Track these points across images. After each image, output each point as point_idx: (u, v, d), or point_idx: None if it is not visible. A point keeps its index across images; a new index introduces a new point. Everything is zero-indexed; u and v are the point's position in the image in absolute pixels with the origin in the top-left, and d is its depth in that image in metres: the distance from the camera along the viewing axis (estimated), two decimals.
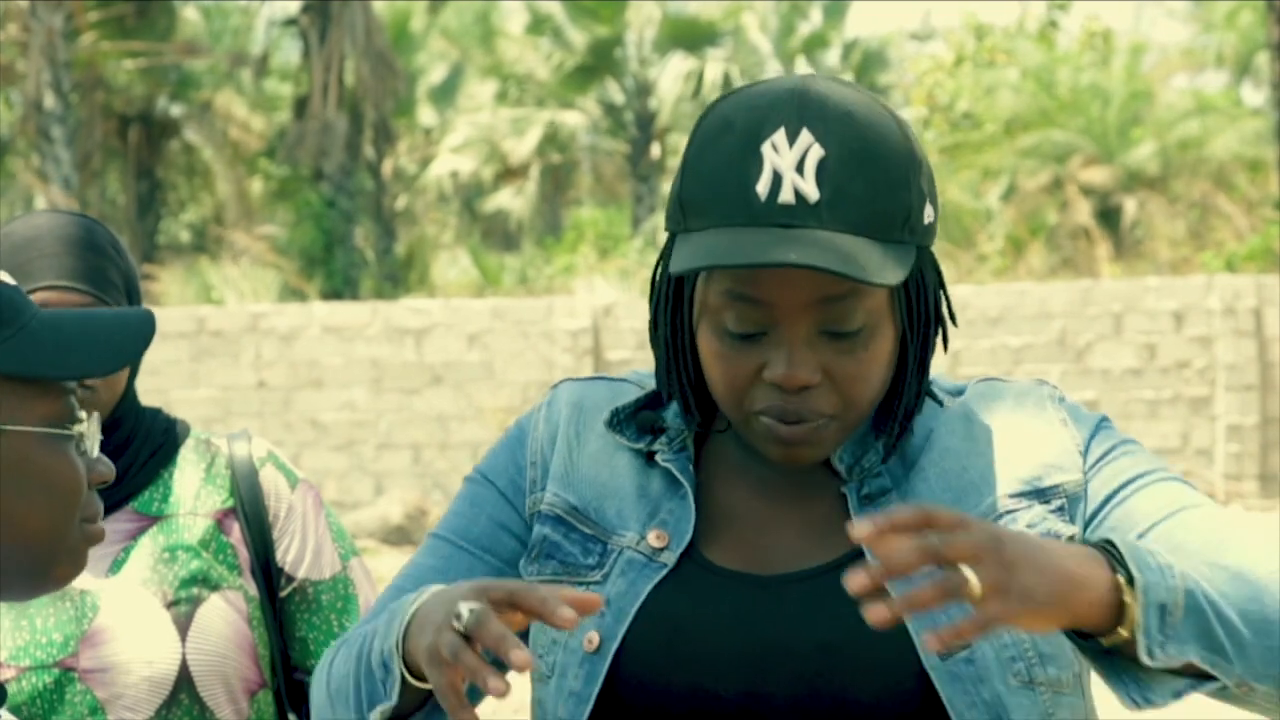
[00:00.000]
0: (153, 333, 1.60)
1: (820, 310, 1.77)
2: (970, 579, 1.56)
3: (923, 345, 1.85)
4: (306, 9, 29.26)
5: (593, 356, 17.65)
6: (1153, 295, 17.43)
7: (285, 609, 2.59)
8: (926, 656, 1.78)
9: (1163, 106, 30.22)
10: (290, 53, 34.57)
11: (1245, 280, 17.49)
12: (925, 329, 1.85)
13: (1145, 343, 17.41)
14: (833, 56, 38.91)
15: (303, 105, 29.33)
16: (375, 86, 29.08)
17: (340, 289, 27.37)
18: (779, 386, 1.79)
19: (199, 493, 2.56)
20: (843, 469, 1.87)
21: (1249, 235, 23.93)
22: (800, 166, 1.76)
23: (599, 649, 1.83)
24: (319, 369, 18.09)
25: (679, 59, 34.52)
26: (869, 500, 1.85)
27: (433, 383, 18.03)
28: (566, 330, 17.75)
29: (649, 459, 1.90)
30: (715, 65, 34.00)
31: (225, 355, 18.12)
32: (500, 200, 38.07)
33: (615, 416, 1.92)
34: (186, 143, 33.61)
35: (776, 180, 1.76)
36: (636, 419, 1.92)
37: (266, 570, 2.57)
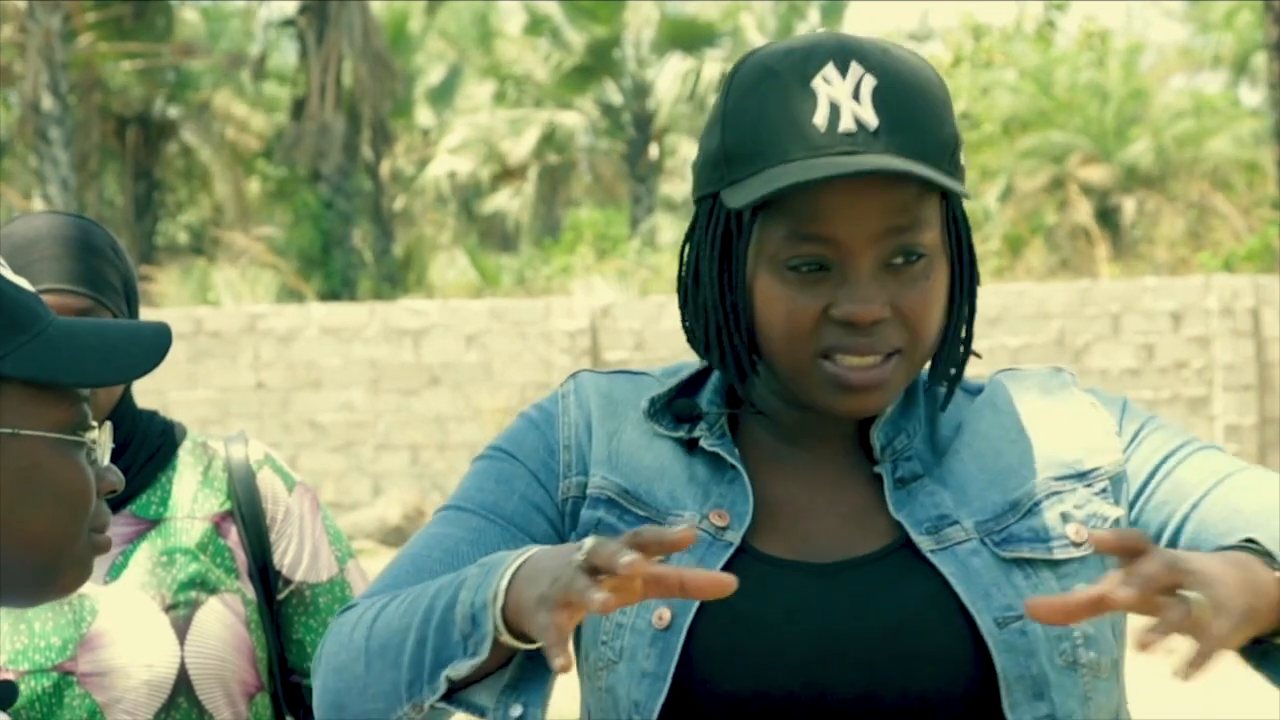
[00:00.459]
0: (169, 345, 1.60)
1: (886, 242, 1.76)
2: (1198, 600, 1.53)
3: (968, 291, 1.85)
4: (304, 10, 29.28)
5: (591, 357, 17.64)
6: (1151, 295, 17.44)
7: (282, 612, 2.59)
8: (984, 623, 1.76)
9: (1160, 107, 30.24)
10: (288, 54, 34.61)
11: (1243, 280, 17.49)
12: (969, 273, 1.85)
13: (1143, 343, 17.41)
14: None
15: (300, 106, 29.35)
16: (373, 87, 29.09)
17: (338, 290, 27.38)
18: (849, 324, 1.77)
19: (196, 496, 2.56)
20: (878, 446, 1.85)
21: (1247, 236, 23.94)
22: (856, 95, 1.76)
23: (671, 625, 1.78)
24: (317, 370, 18.09)
25: (677, 59, 34.52)
26: (902, 484, 1.84)
27: (431, 383, 18.02)
28: (564, 331, 17.75)
29: (690, 446, 1.88)
30: (713, 66, 33.99)
31: (223, 356, 18.12)
32: (498, 201, 38.07)
33: (653, 405, 1.90)
34: (184, 144, 33.62)
35: (834, 110, 1.75)
36: (672, 408, 1.90)
37: (264, 573, 2.57)
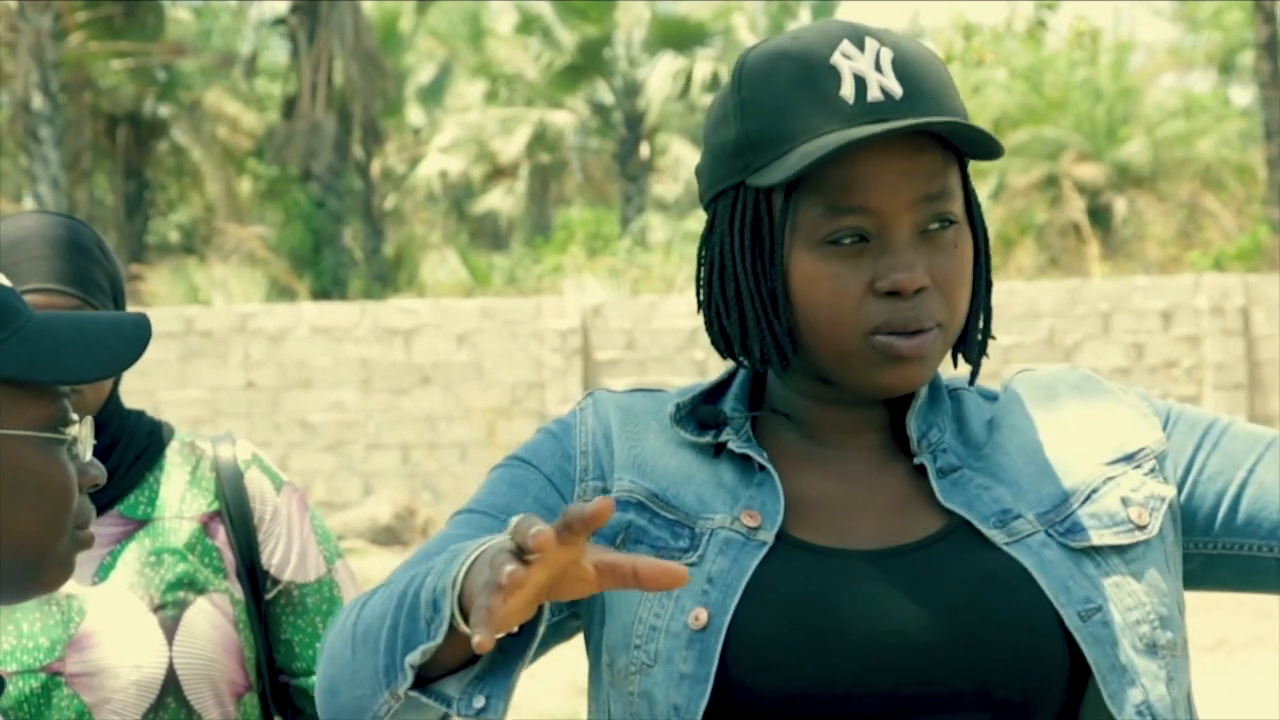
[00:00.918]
0: (148, 338, 1.60)
1: (922, 209, 1.78)
2: None
3: (985, 265, 1.86)
4: (295, 9, 29.26)
5: (581, 356, 17.64)
6: (1141, 294, 17.45)
7: (270, 612, 2.59)
8: (1069, 618, 1.75)
9: (1150, 106, 30.25)
10: (279, 53, 34.57)
11: (1233, 280, 17.51)
12: (984, 246, 1.86)
13: (1133, 342, 17.43)
14: None
15: (291, 105, 29.33)
16: (364, 86, 29.07)
17: (329, 289, 27.35)
18: (894, 295, 1.78)
19: (184, 496, 2.56)
20: (915, 436, 1.85)
21: (1237, 235, 23.96)
22: (878, 66, 1.78)
23: (708, 625, 1.77)
24: (307, 369, 18.08)
25: (668, 59, 34.51)
26: (943, 474, 1.84)
27: (421, 383, 18.01)
28: (555, 330, 17.74)
29: (717, 451, 1.88)
30: (704, 65, 33.99)
31: (214, 356, 18.10)
32: (489, 200, 38.05)
33: (679, 410, 1.90)
34: (175, 143, 33.56)
35: (860, 82, 1.78)
36: (696, 414, 1.90)
37: (252, 573, 2.57)
